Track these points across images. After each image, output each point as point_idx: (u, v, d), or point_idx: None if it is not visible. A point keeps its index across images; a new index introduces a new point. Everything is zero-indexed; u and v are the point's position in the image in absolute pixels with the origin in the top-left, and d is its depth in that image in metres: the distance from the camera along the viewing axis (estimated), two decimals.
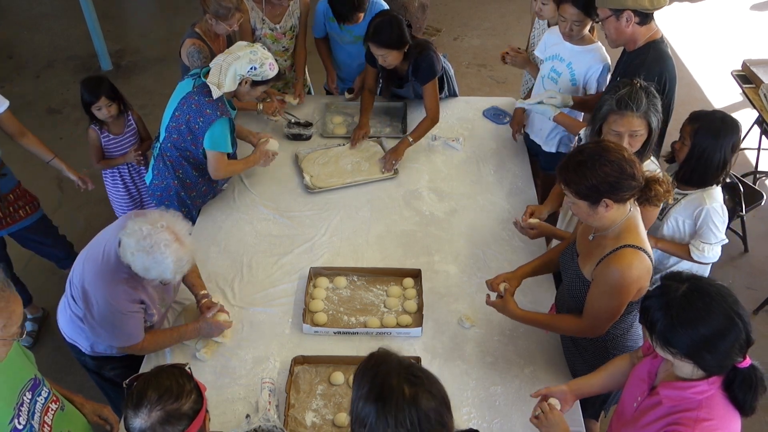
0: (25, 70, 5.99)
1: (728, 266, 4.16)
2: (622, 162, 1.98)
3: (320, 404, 2.39)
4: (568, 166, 2.04)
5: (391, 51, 3.19)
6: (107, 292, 2.23)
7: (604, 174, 1.97)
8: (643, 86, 2.35)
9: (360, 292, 2.80)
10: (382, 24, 3.14)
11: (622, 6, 2.71)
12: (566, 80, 3.18)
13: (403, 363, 1.54)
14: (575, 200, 2.05)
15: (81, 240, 4.31)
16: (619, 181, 1.98)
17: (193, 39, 3.31)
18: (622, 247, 2.06)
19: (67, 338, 2.52)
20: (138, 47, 6.30)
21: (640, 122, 2.34)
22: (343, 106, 3.86)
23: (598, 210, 2.03)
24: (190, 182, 3.06)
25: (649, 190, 2.02)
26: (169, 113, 2.95)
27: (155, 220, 2.15)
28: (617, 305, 2.12)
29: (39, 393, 1.98)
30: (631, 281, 2.05)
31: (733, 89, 5.06)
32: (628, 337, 2.32)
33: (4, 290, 1.73)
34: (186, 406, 1.65)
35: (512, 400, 2.40)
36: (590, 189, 2.00)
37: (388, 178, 3.35)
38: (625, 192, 2.00)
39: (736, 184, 3.70)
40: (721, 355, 1.60)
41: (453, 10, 6.82)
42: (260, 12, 3.60)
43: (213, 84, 2.79)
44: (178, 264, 2.14)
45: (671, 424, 1.69)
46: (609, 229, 2.10)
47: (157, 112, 2.99)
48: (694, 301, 1.61)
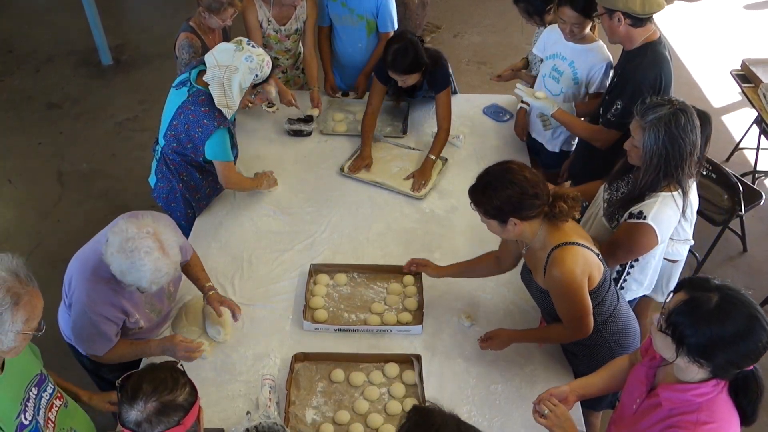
0: (26, 65, 5.98)
1: (727, 266, 4.17)
2: (524, 183, 2.08)
3: (321, 401, 2.39)
4: (476, 188, 2.16)
5: (412, 75, 3.22)
6: (87, 288, 2.20)
7: (507, 196, 2.09)
8: (674, 111, 2.22)
9: (360, 289, 2.81)
10: (401, 51, 3.14)
11: (613, 6, 2.71)
12: (569, 79, 3.18)
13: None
14: (485, 219, 2.17)
15: (80, 235, 4.33)
16: (522, 201, 2.08)
17: (187, 33, 3.31)
18: (551, 251, 2.14)
19: (66, 338, 2.51)
20: (138, 42, 6.29)
21: (638, 131, 2.28)
22: (345, 103, 3.85)
23: (507, 228, 2.15)
24: (194, 184, 3.05)
25: (554, 207, 2.11)
26: (166, 122, 2.91)
27: (143, 224, 2.09)
28: (578, 301, 2.18)
29: (44, 389, 1.99)
30: (574, 276, 2.12)
31: (732, 88, 5.07)
32: (629, 337, 2.35)
33: (27, 284, 1.74)
34: (181, 397, 1.67)
35: (512, 398, 2.41)
36: (496, 210, 2.12)
37: (414, 196, 3.27)
38: (528, 210, 2.11)
39: (736, 183, 3.70)
40: (737, 357, 1.59)
41: (453, 7, 6.80)
42: (267, 11, 3.59)
43: (222, 107, 2.76)
44: (155, 274, 2.07)
45: (670, 426, 1.68)
46: (532, 241, 2.20)
47: (157, 108, 2.99)
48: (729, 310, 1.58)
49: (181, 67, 3.26)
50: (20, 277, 1.74)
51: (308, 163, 3.47)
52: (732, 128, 5.27)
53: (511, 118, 3.77)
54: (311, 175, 3.39)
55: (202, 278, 2.62)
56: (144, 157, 4.51)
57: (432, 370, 2.49)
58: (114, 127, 5.25)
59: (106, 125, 5.27)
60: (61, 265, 3.90)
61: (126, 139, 5.12)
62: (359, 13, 3.67)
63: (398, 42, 3.17)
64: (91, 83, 5.76)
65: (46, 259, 3.88)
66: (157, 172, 3.08)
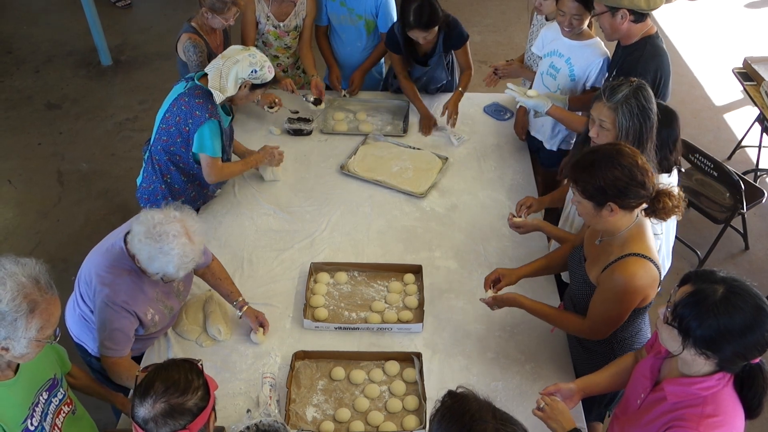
0: (25, 65, 5.97)
1: (728, 263, 4.16)
2: (633, 168, 1.96)
3: (321, 399, 2.39)
4: (580, 163, 2.03)
5: (433, 29, 3.28)
6: (108, 281, 2.19)
7: (614, 177, 1.95)
8: (636, 86, 2.29)
9: (361, 287, 2.80)
10: (421, 7, 3.19)
11: (617, 4, 2.72)
12: (565, 76, 3.17)
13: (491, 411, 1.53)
14: (581, 199, 2.04)
15: (81, 234, 4.34)
16: (628, 187, 1.96)
17: (190, 33, 3.30)
18: (628, 255, 2.03)
19: (74, 338, 2.49)
20: (138, 42, 6.28)
21: (608, 113, 2.30)
22: (344, 102, 3.84)
23: (602, 213, 2.01)
24: (178, 188, 3.02)
25: (658, 202, 1.99)
26: (160, 115, 2.91)
27: (169, 212, 2.13)
28: (619, 312, 2.11)
29: (55, 394, 1.96)
30: (635, 290, 2.03)
31: (734, 87, 5.06)
32: (636, 340, 2.31)
33: (46, 292, 1.73)
34: (191, 402, 1.64)
35: (513, 395, 2.40)
36: (597, 190, 1.98)
37: (416, 195, 3.24)
38: (631, 199, 1.98)
39: (737, 181, 3.70)
40: (744, 349, 1.58)
41: (453, 6, 6.79)
42: (266, 7, 3.59)
43: (215, 89, 2.77)
44: (182, 259, 2.10)
45: (675, 419, 1.68)
46: (615, 234, 2.08)
47: (157, 108, 2.98)
48: (736, 301, 1.57)
49: (193, 69, 3.25)
50: (40, 284, 1.73)
51: (308, 162, 3.46)
52: (734, 126, 5.26)
53: (511, 117, 3.76)
54: (311, 174, 3.38)
55: (234, 292, 2.60)
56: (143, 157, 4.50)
57: (432, 368, 2.48)
58: (113, 127, 5.24)
59: (105, 125, 5.26)
60: (61, 264, 3.93)
61: (125, 139, 5.11)
62: (358, 12, 3.67)
63: (415, 0, 3.21)
64: (91, 83, 5.75)
65: (45, 259, 3.78)
66: (144, 171, 3.07)
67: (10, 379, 1.81)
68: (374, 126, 3.68)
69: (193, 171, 3.00)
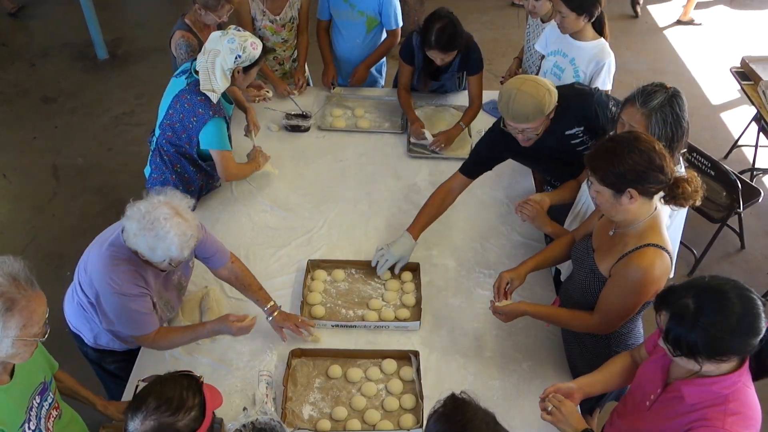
0: (20, 58, 5.94)
1: (725, 263, 4.17)
2: (652, 153, 1.94)
3: (318, 397, 2.38)
4: (598, 152, 2.01)
5: (452, 52, 3.24)
6: (109, 273, 2.17)
7: (633, 162, 1.93)
8: (672, 93, 2.25)
9: (358, 285, 2.79)
10: (446, 30, 3.15)
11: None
12: (569, 76, 3.15)
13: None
14: (600, 188, 2.01)
15: (76, 229, 4.32)
16: (647, 172, 1.94)
17: (183, 31, 3.28)
18: (646, 245, 2.01)
19: (71, 327, 2.48)
20: (134, 37, 6.26)
21: (641, 119, 2.26)
22: (343, 98, 3.83)
23: (621, 200, 1.99)
24: (188, 177, 3.03)
25: (677, 187, 1.97)
26: (163, 110, 2.90)
27: (152, 198, 2.12)
28: (633, 304, 2.10)
29: (45, 398, 1.94)
30: (652, 281, 2.02)
31: (732, 86, 5.07)
32: (631, 335, 2.31)
33: (26, 289, 1.68)
34: (182, 422, 1.62)
35: (510, 394, 2.40)
36: (617, 176, 1.95)
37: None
38: (651, 184, 1.96)
39: (734, 180, 3.70)
40: (748, 330, 1.59)
41: (451, 2, 6.75)
42: (261, 3, 3.57)
43: (207, 91, 2.75)
44: (182, 238, 2.08)
45: (698, 420, 1.68)
46: (631, 225, 2.06)
47: (153, 102, 2.97)
48: (708, 303, 1.60)
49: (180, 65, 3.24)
50: (19, 281, 1.67)
51: (306, 158, 3.45)
52: (731, 125, 5.28)
53: None
54: (309, 170, 3.37)
55: (263, 298, 2.54)
56: (140, 152, 4.48)
57: (430, 366, 2.48)
58: (110, 122, 5.22)
59: (101, 120, 5.24)
60: (56, 259, 3.92)
61: (121, 134, 5.10)
62: (360, 9, 3.65)
63: (440, 20, 3.17)
64: (87, 77, 5.73)
65: (40, 253, 3.85)
66: (152, 162, 3.07)
67: (7, 384, 1.79)
68: (371, 122, 3.67)
69: (199, 162, 3.01)
